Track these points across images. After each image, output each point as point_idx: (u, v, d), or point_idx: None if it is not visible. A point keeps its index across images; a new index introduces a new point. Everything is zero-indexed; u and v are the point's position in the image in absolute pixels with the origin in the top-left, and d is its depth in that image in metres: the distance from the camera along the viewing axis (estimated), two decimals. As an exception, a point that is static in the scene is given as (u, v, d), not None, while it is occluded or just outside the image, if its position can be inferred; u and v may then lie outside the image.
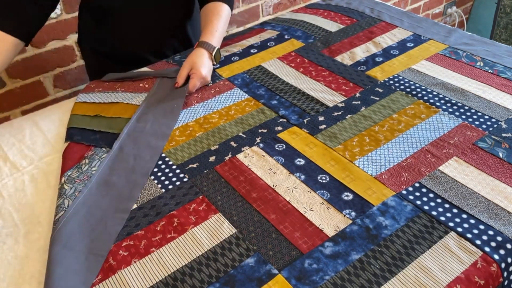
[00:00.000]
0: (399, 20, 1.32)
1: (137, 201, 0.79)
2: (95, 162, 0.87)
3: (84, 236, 0.73)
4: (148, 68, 1.19)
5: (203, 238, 0.72)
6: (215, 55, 1.12)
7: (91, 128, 0.97)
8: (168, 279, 0.66)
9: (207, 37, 1.12)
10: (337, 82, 1.07)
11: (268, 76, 1.12)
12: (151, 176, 0.85)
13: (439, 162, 0.82)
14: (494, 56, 1.11)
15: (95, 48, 1.27)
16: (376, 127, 0.92)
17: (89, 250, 0.71)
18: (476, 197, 0.75)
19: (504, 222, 0.70)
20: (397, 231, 0.70)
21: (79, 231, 0.73)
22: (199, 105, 1.03)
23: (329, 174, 0.82)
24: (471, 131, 0.88)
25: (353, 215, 0.73)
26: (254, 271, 0.66)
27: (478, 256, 0.66)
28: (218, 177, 0.83)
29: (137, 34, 1.22)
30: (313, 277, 0.64)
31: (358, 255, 0.67)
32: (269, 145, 0.89)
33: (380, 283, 0.63)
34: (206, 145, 0.91)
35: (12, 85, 1.55)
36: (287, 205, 0.76)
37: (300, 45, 1.23)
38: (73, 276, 0.66)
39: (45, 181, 0.87)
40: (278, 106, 1.00)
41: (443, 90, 1.01)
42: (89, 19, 1.24)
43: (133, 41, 1.24)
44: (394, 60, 1.14)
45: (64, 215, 0.75)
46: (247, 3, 1.96)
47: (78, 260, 0.69)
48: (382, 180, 0.79)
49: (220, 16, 1.16)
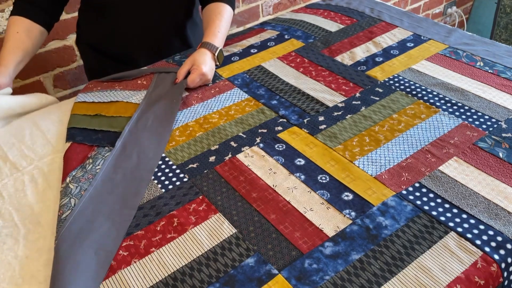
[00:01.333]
0: (399, 20, 1.32)
1: (137, 201, 0.80)
2: (98, 161, 0.87)
3: (92, 233, 0.73)
4: (147, 67, 1.19)
5: (203, 238, 0.72)
6: (218, 55, 1.12)
7: (93, 128, 0.97)
8: (168, 279, 0.66)
9: (209, 38, 1.12)
10: (337, 82, 1.07)
11: (268, 76, 1.12)
12: (151, 176, 0.85)
13: (439, 162, 0.82)
14: (494, 56, 1.11)
15: (94, 46, 1.27)
16: (376, 127, 0.92)
17: (98, 247, 0.71)
18: (476, 197, 0.75)
19: (504, 222, 0.70)
20: (397, 231, 0.70)
21: (87, 229, 0.73)
22: (199, 105, 1.03)
23: (329, 174, 0.82)
24: (471, 131, 0.88)
25: (353, 215, 0.73)
26: (254, 271, 0.66)
27: (478, 256, 0.66)
28: (218, 177, 0.83)
29: (136, 32, 1.22)
30: (313, 277, 0.64)
31: (358, 255, 0.67)
32: (269, 145, 0.89)
33: (380, 283, 0.63)
34: (206, 145, 0.91)
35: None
36: (287, 205, 0.76)
37: (300, 45, 1.23)
38: (83, 273, 0.67)
39: (45, 181, 0.87)
40: (278, 106, 1.00)
41: (443, 90, 1.01)
42: (89, 17, 1.24)
43: (132, 40, 1.23)
44: (394, 60, 1.14)
45: (71, 213, 0.75)
46: (247, 3, 1.96)
47: (87, 257, 0.69)
48: (382, 180, 0.79)
49: (222, 17, 1.16)
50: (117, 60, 1.26)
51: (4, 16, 1.43)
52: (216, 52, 1.11)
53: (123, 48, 1.25)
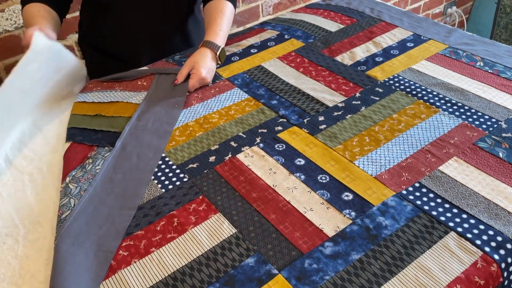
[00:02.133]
0: (399, 20, 1.32)
1: (137, 201, 0.79)
2: (98, 161, 0.87)
3: (92, 233, 0.73)
4: (147, 67, 1.19)
5: (203, 238, 0.72)
6: (219, 54, 1.11)
7: (93, 128, 0.97)
8: (168, 279, 0.66)
9: (211, 37, 1.12)
10: (337, 82, 1.07)
11: (268, 76, 1.12)
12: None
13: (439, 162, 0.82)
14: (494, 56, 1.11)
15: (96, 46, 1.27)
16: (376, 127, 0.92)
17: (98, 247, 0.71)
18: (476, 197, 0.75)
19: (504, 222, 0.70)
20: (397, 231, 0.70)
21: (87, 229, 0.73)
22: (199, 105, 1.03)
23: (329, 174, 0.82)
24: (471, 131, 0.88)
25: (353, 215, 0.73)
26: (254, 271, 0.66)
27: (478, 256, 0.66)
28: (218, 177, 0.83)
29: (139, 31, 1.22)
30: (313, 277, 0.64)
31: (358, 255, 0.67)
32: (269, 145, 0.89)
33: (380, 283, 0.63)
34: (206, 145, 0.91)
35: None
36: (287, 205, 0.76)
37: (300, 45, 1.23)
38: (83, 273, 0.67)
39: (45, 181, 0.87)
40: (278, 106, 1.00)
41: (443, 90, 1.01)
42: (91, 16, 1.24)
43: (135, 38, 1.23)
44: (394, 60, 1.14)
45: (71, 214, 0.75)
46: (247, 3, 1.96)
47: (87, 257, 0.69)
48: (382, 180, 0.79)
49: (224, 15, 1.16)
50: (119, 59, 1.26)
51: (4, 16, 1.43)
52: (218, 51, 1.11)
53: (125, 47, 1.25)
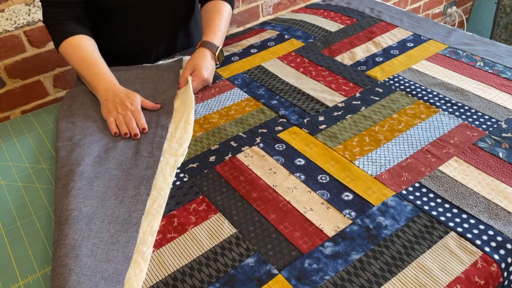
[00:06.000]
0: (399, 20, 1.32)
1: (137, 201, 0.79)
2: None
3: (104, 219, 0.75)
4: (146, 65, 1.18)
5: (203, 238, 0.72)
6: (218, 54, 1.11)
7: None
8: (168, 279, 0.66)
9: (209, 37, 1.12)
10: (337, 82, 1.07)
11: (268, 76, 1.12)
12: (151, 176, 0.85)
13: (439, 162, 0.82)
14: (494, 56, 1.11)
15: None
16: (376, 127, 0.92)
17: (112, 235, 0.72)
18: (476, 197, 0.75)
19: (504, 222, 0.70)
20: (397, 231, 0.70)
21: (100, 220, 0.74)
22: (199, 105, 1.03)
23: (329, 174, 0.82)
24: (471, 131, 0.88)
25: (353, 215, 0.73)
26: (254, 271, 0.66)
27: (478, 256, 0.66)
28: (218, 177, 0.83)
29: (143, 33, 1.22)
30: (313, 277, 0.64)
31: (358, 255, 0.67)
32: (269, 145, 0.89)
33: (380, 283, 0.63)
34: (206, 145, 0.91)
35: (12, 85, 1.55)
36: (287, 205, 0.76)
37: (300, 45, 1.23)
38: None
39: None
40: (278, 106, 1.00)
41: (443, 90, 1.01)
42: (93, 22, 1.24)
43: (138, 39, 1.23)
44: (394, 60, 1.14)
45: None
46: (247, 3, 1.96)
47: None
48: (382, 180, 0.79)
49: (222, 15, 1.16)
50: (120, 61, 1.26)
51: (4, 16, 1.43)
52: (217, 51, 1.11)
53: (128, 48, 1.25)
